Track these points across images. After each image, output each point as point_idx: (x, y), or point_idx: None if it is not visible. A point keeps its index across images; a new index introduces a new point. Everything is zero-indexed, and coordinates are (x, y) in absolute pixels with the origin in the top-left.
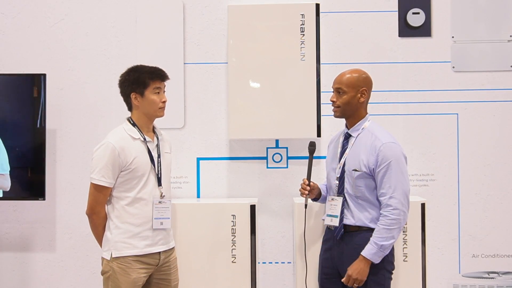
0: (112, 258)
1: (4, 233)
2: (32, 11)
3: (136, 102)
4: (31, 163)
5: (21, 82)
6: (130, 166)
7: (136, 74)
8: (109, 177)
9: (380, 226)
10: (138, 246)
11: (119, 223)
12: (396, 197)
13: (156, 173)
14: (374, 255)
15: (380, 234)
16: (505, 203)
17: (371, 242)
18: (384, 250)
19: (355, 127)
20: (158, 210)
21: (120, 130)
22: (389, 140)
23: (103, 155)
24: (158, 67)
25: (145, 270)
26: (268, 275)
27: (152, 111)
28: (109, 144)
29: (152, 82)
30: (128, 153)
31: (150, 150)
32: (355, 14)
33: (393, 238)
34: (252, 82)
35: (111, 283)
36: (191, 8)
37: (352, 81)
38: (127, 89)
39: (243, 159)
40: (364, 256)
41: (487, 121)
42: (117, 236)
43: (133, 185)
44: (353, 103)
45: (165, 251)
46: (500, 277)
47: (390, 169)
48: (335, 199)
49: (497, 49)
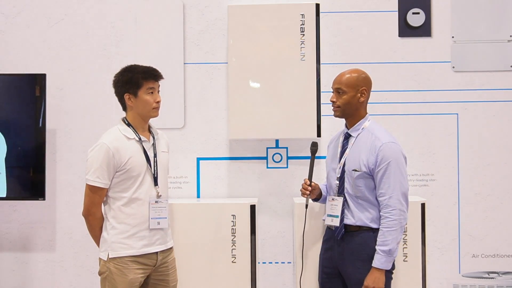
0: (109, 258)
1: (4, 233)
2: (32, 11)
3: (130, 103)
4: (32, 163)
5: (21, 82)
6: (125, 167)
7: (129, 74)
8: (104, 178)
9: (383, 229)
10: (135, 247)
11: (115, 223)
12: (395, 197)
13: (152, 173)
14: (385, 262)
15: (384, 238)
16: (505, 203)
17: (378, 251)
18: (392, 254)
19: (355, 127)
20: (155, 210)
21: (115, 130)
22: (389, 140)
23: (98, 156)
24: (152, 67)
25: (142, 271)
26: (268, 275)
27: (146, 112)
28: (104, 145)
29: (146, 82)
30: (123, 153)
31: (145, 149)
32: (355, 14)
33: (397, 239)
34: (252, 82)
35: (108, 283)
36: (191, 8)
37: (352, 81)
38: (120, 90)
39: (243, 159)
40: (376, 267)
41: (487, 121)
42: (113, 237)
43: (128, 186)
44: (353, 103)
45: (163, 251)
46: (500, 277)
47: (390, 169)
48: (336, 199)
49: (497, 49)
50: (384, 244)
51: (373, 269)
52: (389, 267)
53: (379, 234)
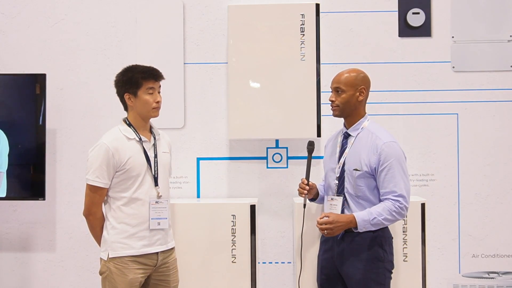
0: (109, 258)
1: (4, 233)
2: (32, 11)
3: (130, 103)
4: (32, 163)
5: (22, 82)
6: (125, 166)
7: (129, 74)
8: (103, 178)
9: (386, 206)
10: (135, 247)
11: (115, 223)
12: (404, 195)
13: (152, 173)
14: (363, 222)
15: (381, 210)
16: (505, 203)
17: (368, 211)
18: (373, 225)
19: (355, 126)
20: (155, 210)
21: (115, 130)
22: (390, 139)
23: (97, 156)
24: (153, 67)
25: (142, 271)
26: (268, 275)
27: (146, 112)
28: (103, 145)
29: (145, 82)
30: (123, 153)
31: (145, 150)
32: (355, 14)
33: (387, 222)
34: (252, 82)
35: (108, 283)
36: (191, 8)
37: (350, 80)
38: (121, 89)
39: (243, 159)
40: (355, 217)
41: (487, 121)
42: (113, 236)
43: (128, 186)
44: (352, 102)
45: (164, 252)
46: (500, 277)
47: (393, 168)
48: (335, 199)
49: (497, 49)
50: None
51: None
52: (359, 230)
53: (379, 205)
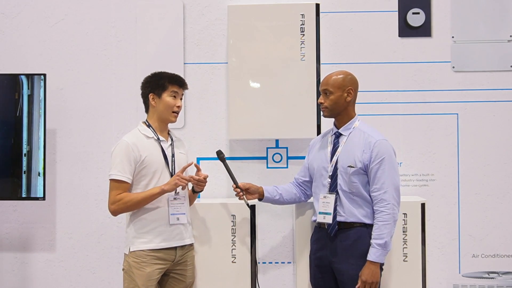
0: (130, 252)
1: (4, 233)
2: (32, 11)
3: (154, 103)
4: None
5: (21, 82)
6: (144, 162)
7: (158, 76)
8: (125, 172)
9: (379, 223)
10: (154, 241)
11: (135, 218)
12: (389, 192)
13: (170, 171)
14: (380, 255)
15: (380, 232)
16: (505, 203)
17: (374, 245)
18: (387, 247)
19: (347, 126)
20: (174, 206)
21: (135, 131)
22: (382, 138)
23: (119, 152)
24: (180, 75)
25: (160, 265)
26: (268, 275)
27: (166, 114)
28: (123, 141)
29: (171, 86)
30: (142, 149)
31: (163, 148)
32: (355, 14)
33: (391, 233)
34: (252, 82)
35: (127, 277)
36: (191, 8)
37: (338, 82)
38: (146, 90)
39: (243, 159)
40: (372, 261)
41: (487, 121)
42: (134, 231)
43: (147, 181)
44: (340, 103)
45: (182, 247)
46: (500, 277)
47: (384, 165)
48: (328, 196)
49: (497, 49)
50: (379, 237)
51: (368, 263)
52: (383, 261)
53: (374, 228)
